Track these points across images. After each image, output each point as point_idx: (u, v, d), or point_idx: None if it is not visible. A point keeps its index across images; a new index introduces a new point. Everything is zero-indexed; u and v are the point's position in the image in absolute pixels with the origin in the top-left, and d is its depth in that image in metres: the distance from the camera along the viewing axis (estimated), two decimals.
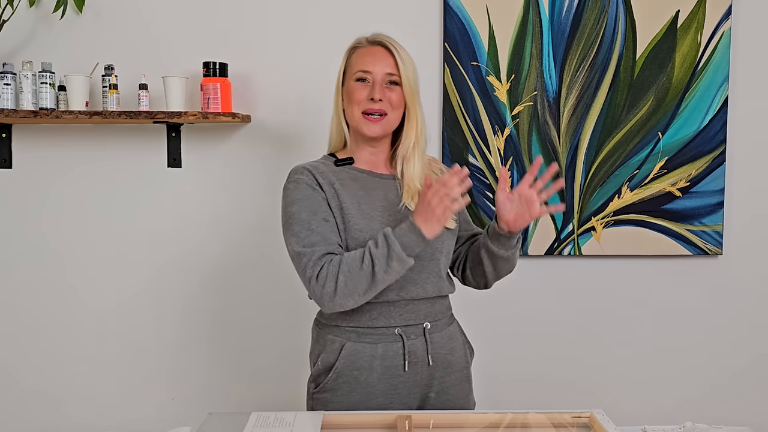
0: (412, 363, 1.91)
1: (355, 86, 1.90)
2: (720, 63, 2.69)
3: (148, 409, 2.80)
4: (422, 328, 1.93)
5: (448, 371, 1.97)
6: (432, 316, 1.95)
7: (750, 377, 2.82)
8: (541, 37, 2.68)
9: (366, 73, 1.89)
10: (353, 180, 1.93)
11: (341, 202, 1.87)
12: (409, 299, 1.90)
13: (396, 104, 1.90)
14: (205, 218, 2.76)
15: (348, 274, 1.75)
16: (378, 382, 1.90)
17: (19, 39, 2.69)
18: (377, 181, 1.95)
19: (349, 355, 1.90)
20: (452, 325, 2.03)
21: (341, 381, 1.91)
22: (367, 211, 1.88)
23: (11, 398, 2.78)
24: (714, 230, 2.74)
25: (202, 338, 2.80)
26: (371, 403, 1.90)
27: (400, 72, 1.89)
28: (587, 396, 2.78)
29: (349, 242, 1.85)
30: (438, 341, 1.95)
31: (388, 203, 1.91)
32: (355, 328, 1.91)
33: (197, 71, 2.64)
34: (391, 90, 1.89)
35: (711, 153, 2.72)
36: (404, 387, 1.91)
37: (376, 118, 1.88)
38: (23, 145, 2.74)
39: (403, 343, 1.90)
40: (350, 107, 1.91)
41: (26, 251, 2.76)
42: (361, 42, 1.95)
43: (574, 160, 2.72)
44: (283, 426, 1.71)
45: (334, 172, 1.93)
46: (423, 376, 1.93)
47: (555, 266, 2.80)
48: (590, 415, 1.77)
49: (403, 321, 1.91)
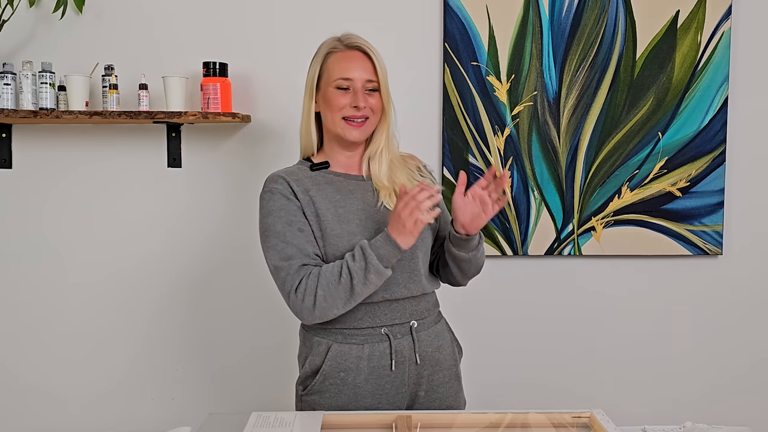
0: (399, 362, 1.91)
1: (335, 93, 1.88)
2: (720, 63, 2.69)
3: (149, 409, 2.80)
4: (408, 327, 1.93)
5: (437, 369, 1.97)
6: (418, 315, 1.95)
7: (750, 377, 2.82)
8: (541, 37, 2.68)
9: (347, 81, 1.87)
10: (329, 184, 1.93)
11: (317, 209, 1.88)
12: (393, 299, 1.90)
13: (376, 109, 1.91)
14: (206, 218, 2.75)
15: (326, 288, 1.78)
16: (365, 383, 1.90)
17: (19, 39, 2.69)
18: (354, 183, 1.95)
19: (336, 357, 1.90)
20: (440, 323, 2.03)
21: (328, 383, 1.91)
22: (344, 215, 1.88)
23: (12, 397, 2.78)
24: (714, 230, 2.74)
25: (202, 337, 2.80)
26: (359, 404, 1.90)
27: (378, 78, 1.89)
28: (587, 396, 2.78)
29: (327, 249, 1.86)
30: (425, 339, 1.95)
31: (365, 205, 1.92)
32: (341, 329, 1.91)
33: (197, 71, 2.64)
34: (371, 96, 1.90)
35: (711, 153, 2.71)
36: (392, 387, 1.91)
37: (358, 123, 1.89)
38: (23, 145, 2.73)
39: (390, 343, 1.90)
40: (330, 113, 1.90)
41: (26, 251, 2.75)
42: (336, 46, 1.92)
43: (574, 160, 2.72)
44: (283, 426, 1.71)
45: (310, 177, 1.93)
46: (411, 375, 1.93)
47: (555, 266, 2.80)
48: (590, 415, 1.77)
49: (388, 321, 1.91)
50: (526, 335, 2.81)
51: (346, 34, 1.93)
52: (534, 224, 2.74)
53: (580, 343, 2.81)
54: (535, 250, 2.75)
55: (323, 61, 1.93)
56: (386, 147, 1.94)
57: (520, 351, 2.81)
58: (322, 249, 1.86)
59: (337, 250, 1.84)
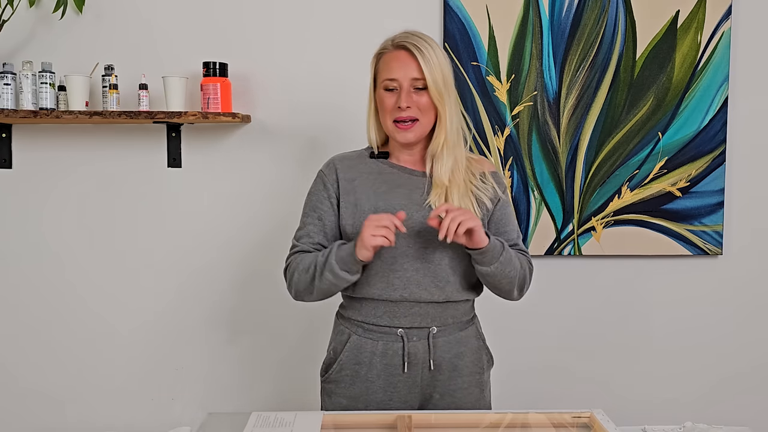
0: (411, 364, 1.91)
1: (384, 95, 1.88)
2: (720, 63, 2.69)
3: (148, 409, 2.79)
4: (427, 332, 1.91)
5: (455, 375, 1.94)
6: (441, 321, 1.92)
7: (750, 377, 2.82)
8: (541, 37, 2.68)
9: (392, 81, 1.86)
10: (380, 174, 1.94)
11: (357, 198, 1.91)
12: (413, 301, 1.88)
13: (425, 108, 1.87)
14: (206, 217, 2.75)
15: (298, 274, 1.88)
16: (377, 378, 1.91)
17: (19, 39, 2.68)
18: (406, 177, 1.94)
19: (353, 349, 1.93)
20: (466, 330, 1.99)
21: (344, 373, 1.94)
22: (383, 208, 1.88)
23: (11, 398, 2.78)
24: (714, 230, 2.73)
25: (202, 338, 2.79)
26: (371, 398, 1.91)
27: (425, 75, 1.84)
28: (587, 396, 2.77)
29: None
30: (443, 345, 1.93)
31: (408, 201, 1.90)
32: (362, 323, 1.93)
33: (197, 71, 2.63)
34: (419, 95, 1.86)
35: (711, 153, 2.71)
36: (404, 386, 1.92)
37: (407, 125, 1.87)
38: (23, 145, 2.73)
39: (404, 345, 1.90)
40: (383, 115, 1.90)
41: (26, 251, 2.75)
42: (386, 47, 1.91)
43: (574, 160, 2.71)
44: (283, 426, 1.71)
45: (366, 164, 1.95)
46: (424, 378, 1.92)
47: (555, 266, 2.79)
48: (590, 415, 1.77)
49: (407, 323, 1.90)
50: (526, 335, 2.81)
51: (399, 33, 1.90)
52: (534, 224, 2.74)
53: (579, 343, 2.81)
54: (535, 250, 2.74)
55: (376, 63, 1.93)
56: (447, 145, 1.88)
57: (520, 350, 2.80)
58: (354, 237, 1.85)
59: None
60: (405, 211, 1.84)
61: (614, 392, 2.80)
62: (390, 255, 1.87)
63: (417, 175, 1.94)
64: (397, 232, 1.78)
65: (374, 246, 1.74)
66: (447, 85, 1.88)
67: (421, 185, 1.92)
